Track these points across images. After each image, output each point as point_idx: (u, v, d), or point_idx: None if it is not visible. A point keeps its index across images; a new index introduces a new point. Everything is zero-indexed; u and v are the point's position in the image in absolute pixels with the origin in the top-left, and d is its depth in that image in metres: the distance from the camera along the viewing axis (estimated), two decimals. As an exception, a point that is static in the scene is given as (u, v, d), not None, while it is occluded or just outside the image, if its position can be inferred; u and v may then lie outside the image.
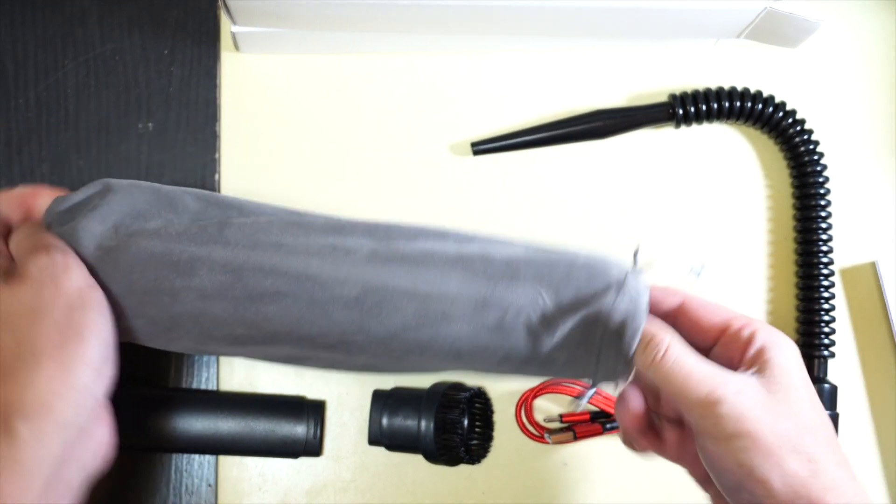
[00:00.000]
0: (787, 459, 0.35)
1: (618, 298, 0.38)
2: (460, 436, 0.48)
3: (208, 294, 0.39)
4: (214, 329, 0.40)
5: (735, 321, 0.39)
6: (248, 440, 0.49)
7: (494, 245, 0.41)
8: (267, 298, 0.39)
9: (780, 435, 0.35)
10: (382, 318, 0.39)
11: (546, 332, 0.39)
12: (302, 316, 0.39)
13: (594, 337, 0.39)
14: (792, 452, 0.35)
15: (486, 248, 0.40)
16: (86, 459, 0.38)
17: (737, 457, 0.35)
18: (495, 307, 0.39)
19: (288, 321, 0.39)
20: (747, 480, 0.35)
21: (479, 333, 0.39)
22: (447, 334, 0.39)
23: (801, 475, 0.35)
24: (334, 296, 0.38)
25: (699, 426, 0.37)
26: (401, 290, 0.39)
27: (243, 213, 0.42)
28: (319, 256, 0.39)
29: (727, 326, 0.40)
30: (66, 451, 0.36)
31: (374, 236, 0.40)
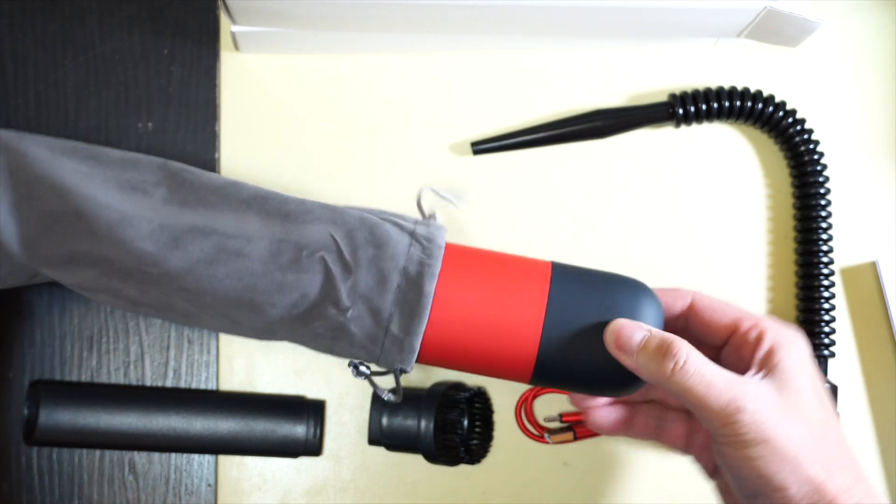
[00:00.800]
0: (804, 465, 0.36)
1: (412, 246, 0.39)
2: (460, 436, 0.48)
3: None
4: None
5: (744, 321, 0.40)
6: (247, 440, 0.49)
7: (291, 197, 0.42)
8: (66, 219, 0.40)
9: (796, 441, 0.36)
10: (177, 252, 0.40)
11: (342, 276, 0.39)
12: (101, 239, 0.40)
13: (390, 284, 0.39)
14: (808, 458, 0.36)
15: (282, 195, 0.42)
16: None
17: (755, 464, 0.36)
18: (290, 245, 0.40)
19: (87, 242, 0.40)
20: (766, 487, 0.36)
21: (275, 272, 0.39)
22: (242, 269, 0.39)
23: (816, 480, 0.36)
24: (132, 226, 0.40)
25: (719, 434, 0.37)
26: (197, 229, 0.40)
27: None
28: (119, 190, 0.41)
29: (736, 327, 0.40)
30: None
31: (168, 176, 0.42)
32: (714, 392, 0.36)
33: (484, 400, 0.51)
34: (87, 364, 0.51)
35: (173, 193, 0.41)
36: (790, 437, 0.36)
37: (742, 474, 0.37)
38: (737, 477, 0.37)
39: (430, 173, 0.53)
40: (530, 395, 0.51)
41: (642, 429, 0.44)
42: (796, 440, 0.36)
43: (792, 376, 0.37)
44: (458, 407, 0.49)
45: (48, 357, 0.51)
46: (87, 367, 0.51)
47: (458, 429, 0.48)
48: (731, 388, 0.36)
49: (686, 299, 0.42)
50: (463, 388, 0.50)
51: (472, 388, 0.50)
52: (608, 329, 0.39)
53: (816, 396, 0.38)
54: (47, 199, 0.41)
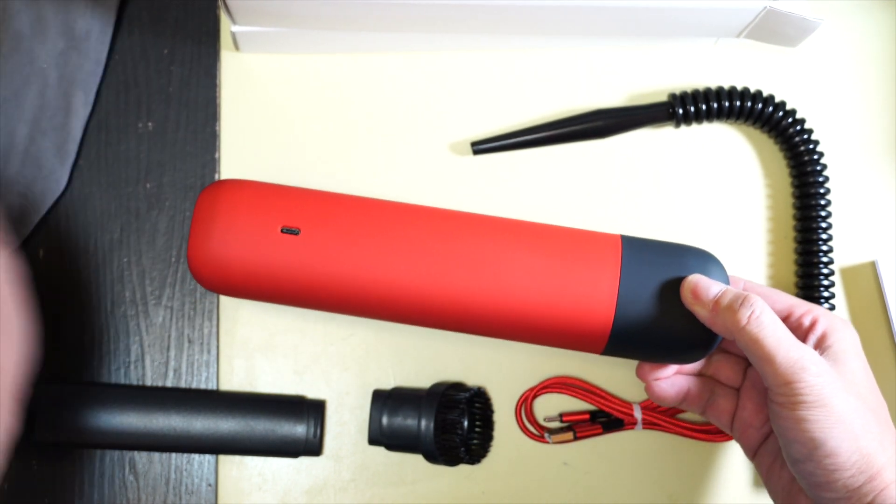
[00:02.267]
0: (857, 434, 0.37)
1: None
2: (460, 436, 0.48)
3: None
4: None
5: (797, 308, 0.42)
6: (248, 440, 0.49)
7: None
8: None
9: (851, 411, 0.37)
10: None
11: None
12: None
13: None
14: (861, 428, 0.37)
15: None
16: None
17: (810, 427, 0.37)
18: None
19: None
20: (817, 452, 0.37)
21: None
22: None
23: (866, 450, 0.37)
24: None
25: (779, 392, 0.38)
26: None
27: None
28: None
29: (790, 313, 0.42)
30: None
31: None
32: (783, 347, 0.38)
33: (484, 400, 0.51)
34: (88, 364, 0.51)
35: None
36: (846, 406, 0.37)
37: (795, 437, 0.37)
38: (788, 440, 0.38)
39: (430, 173, 0.53)
40: (530, 394, 0.51)
41: (694, 401, 0.46)
42: (851, 411, 0.37)
43: (846, 358, 0.39)
44: (458, 407, 0.49)
45: (48, 357, 0.51)
46: (88, 367, 0.51)
47: (459, 429, 0.48)
48: (800, 349, 0.38)
49: (739, 285, 0.44)
50: (463, 388, 0.50)
51: (472, 388, 0.50)
52: (685, 283, 0.41)
53: (868, 379, 0.40)
54: None
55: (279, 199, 0.43)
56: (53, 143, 0.50)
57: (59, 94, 0.49)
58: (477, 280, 0.41)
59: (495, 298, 0.41)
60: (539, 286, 0.41)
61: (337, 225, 0.42)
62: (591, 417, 0.51)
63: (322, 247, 0.42)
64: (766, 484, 0.44)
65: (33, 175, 0.49)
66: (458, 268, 0.41)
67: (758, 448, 0.44)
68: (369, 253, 0.42)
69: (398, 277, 0.42)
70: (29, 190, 0.49)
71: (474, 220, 0.43)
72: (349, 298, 0.43)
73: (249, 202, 0.43)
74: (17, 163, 0.48)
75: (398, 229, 0.42)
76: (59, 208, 0.51)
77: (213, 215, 0.43)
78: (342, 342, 0.52)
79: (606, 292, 0.41)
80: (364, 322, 0.52)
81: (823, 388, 0.37)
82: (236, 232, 0.43)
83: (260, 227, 0.43)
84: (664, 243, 0.44)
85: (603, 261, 0.41)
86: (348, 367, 0.52)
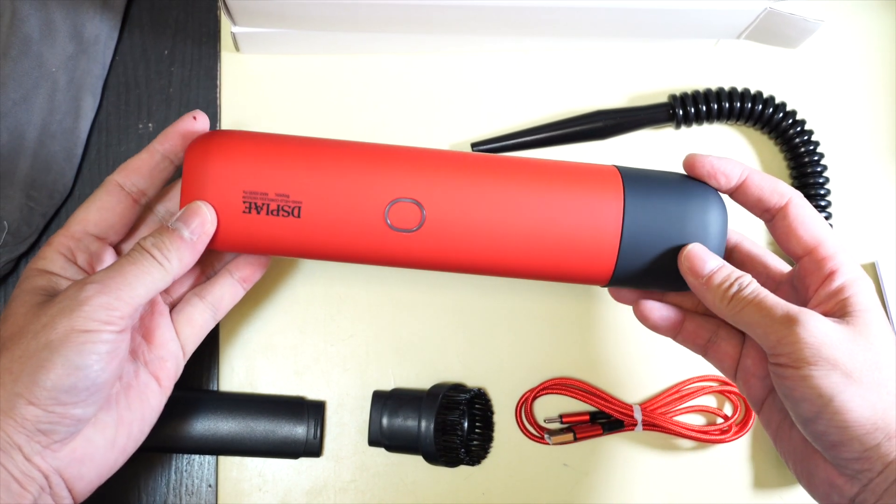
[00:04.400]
0: (867, 388, 0.35)
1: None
2: (460, 437, 0.48)
3: None
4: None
5: (823, 247, 0.39)
6: (248, 440, 0.49)
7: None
8: None
9: (859, 365, 0.35)
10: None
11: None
12: None
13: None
14: (872, 383, 0.35)
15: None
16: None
17: (814, 384, 0.35)
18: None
19: None
20: (826, 409, 0.35)
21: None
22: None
23: (878, 406, 0.35)
24: None
25: (776, 351, 0.36)
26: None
27: None
28: None
29: (815, 248, 0.39)
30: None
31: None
32: (770, 307, 0.37)
33: (484, 401, 0.51)
34: (88, 365, 0.51)
35: None
36: (853, 360, 0.35)
37: (800, 395, 0.36)
38: (795, 400, 0.36)
39: (431, 174, 0.53)
40: (530, 395, 0.51)
41: (691, 337, 0.44)
42: (860, 364, 0.35)
43: (862, 311, 0.37)
44: (458, 408, 0.49)
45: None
46: (88, 367, 0.51)
47: (459, 430, 0.48)
48: (789, 307, 0.37)
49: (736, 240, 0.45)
50: (463, 389, 0.50)
51: (473, 390, 0.51)
52: (683, 253, 0.40)
53: (883, 334, 0.37)
54: None
55: (273, 158, 0.41)
56: (62, 147, 0.50)
57: (68, 97, 0.50)
58: (487, 212, 0.40)
59: (505, 229, 0.41)
60: (548, 218, 0.41)
61: (338, 189, 0.40)
62: (591, 418, 0.51)
63: (323, 209, 0.40)
64: (776, 445, 0.41)
65: (42, 178, 0.49)
66: (467, 201, 0.40)
67: (763, 401, 0.41)
68: (372, 197, 0.40)
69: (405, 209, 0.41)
70: (37, 192, 0.49)
71: (482, 159, 0.43)
72: (354, 247, 0.41)
73: (244, 155, 0.40)
74: (26, 165, 0.48)
75: (400, 170, 0.41)
76: (59, 210, 0.51)
77: (206, 165, 0.40)
78: (342, 343, 0.52)
79: (611, 228, 0.41)
80: (364, 322, 0.52)
81: (821, 341, 0.35)
82: (232, 183, 0.40)
83: (256, 180, 0.40)
84: (663, 176, 0.43)
85: (606, 193, 0.41)
86: (348, 367, 0.52)
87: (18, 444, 0.35)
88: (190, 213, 0.39)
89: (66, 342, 0.35)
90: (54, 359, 0.35)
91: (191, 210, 0.39)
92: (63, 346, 0.35)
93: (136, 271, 0.37)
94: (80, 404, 0.36)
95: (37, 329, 0.36)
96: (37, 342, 0.35)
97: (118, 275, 0.37)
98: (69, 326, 0.35)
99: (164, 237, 0.38)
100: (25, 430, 0.35)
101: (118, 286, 0.36)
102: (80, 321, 0.35)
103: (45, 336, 0.35)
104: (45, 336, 0.35)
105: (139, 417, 0.40)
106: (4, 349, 0.36)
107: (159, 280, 0.38)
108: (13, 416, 0.35)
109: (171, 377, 0.43)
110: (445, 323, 0.52)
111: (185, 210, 0.39)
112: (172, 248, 0.38)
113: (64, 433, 0.36)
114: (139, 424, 0.41)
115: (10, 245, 0.48)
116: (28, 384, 0.35)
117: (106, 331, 0.36)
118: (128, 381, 0.41)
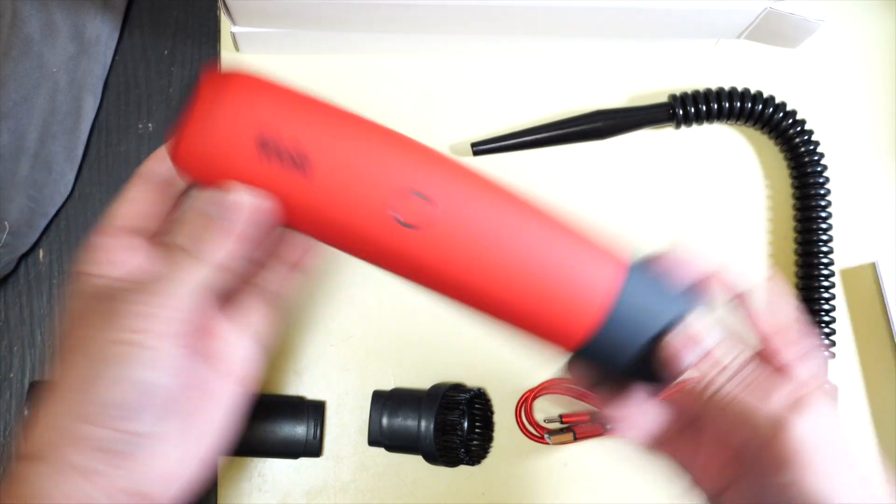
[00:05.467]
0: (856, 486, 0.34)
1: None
2: (460, 437, 0.48)
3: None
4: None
5: (775, 339, 0.36)
6: (248, 440, 0.49)
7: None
8: None
9: (837, 465, 0.34)
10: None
11: None
12: None
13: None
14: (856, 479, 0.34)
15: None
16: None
17: (805, 490, 0.33)
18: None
19: None
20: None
21: None
22: None
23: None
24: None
25: (761, 455, 0.34)
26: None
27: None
28: None
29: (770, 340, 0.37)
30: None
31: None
32: (759, 409, 0.34)
33: (484, 401, 0.51)
34: (88, 364, 0.51)
35: None
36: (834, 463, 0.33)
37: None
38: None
39: (431, 174, 0.53)
40: (530, 395, 0.51)
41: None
42: (837, 465, 0.33)
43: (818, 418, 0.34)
44: (458, 408, 0.49)
45: (48, 357, 0.51)
46: (88, 367, 0.51)
47: (458, 430, 0.48)
48: (780, 409, 0.34)
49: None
50: (463, 389, 0.50)
51: (473, 389, 0.50)
52: (664, 343, 0.36)
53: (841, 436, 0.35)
54: None
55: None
56: (64, 147, 0.50)
57: (69, 98, 0.49)
58: (497, 235, 0.37)
59: (510, 256, 0.37)
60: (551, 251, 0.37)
61: (352, 155, 0.36)
62: (591, 418, 0.51)
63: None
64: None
65: (43, 178, 0.49)
66: (482, 216, 0.37)
67: (724, 491, 0.38)
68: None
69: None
70: (38, 193, 0.49)
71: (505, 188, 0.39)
72: (351, 229, 0.38)
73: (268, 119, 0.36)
74: (27, 166, 0.48)
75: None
76: (59, 210, 0.51)
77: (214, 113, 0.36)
78: (342, 343, 0.52)
79: (612, 281, 0.37)
80: (364, 322, 0.52)
81: (803, 450, 0.33)
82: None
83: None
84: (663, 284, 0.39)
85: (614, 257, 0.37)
86: (348, 367, 0.52)
87: (79, 465, 0.32)
88: (220, 193, 0.34)
89: (116, 356, 0.33)
90: (106, 374, 0.32)
91: (222, 189, 0.34)
92: (113, 360, 0.33)
93: (172, 274, 0.34)
94: (138, 419, 0.33)
95: (85, 344, 0.33)
96: (86, 359, 0.33)
97: (154, 281, 0.34)
98: (110, 338, 0.33)
99: (194, 225, 0.34)
100: (84, 452, 0.32)
101: (156, 292, 0.33)
102: (125, 334, 0.33)
103: (94, 352, 0.33)
104: (95, 351, 0.33)
105: (211, 422, 0.37)
106: (60, 366, 0.34)
107: (202, 276, 0.34)
108: (71, 437, 0.32)
109: (243, 374, 0.38)
110: (445, 323, 0.52)
111: (215, 190, 0.34)
112: (206, 237, 0.34)
113: (128, 451, 0.33)
114: (213, 430, 0.37)
115: (10, 245, 0.48)
116: (83, 402, 0.33)
117: (153, 340, 0.33)
118: (196, 385, 0.36)
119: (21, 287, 0.51)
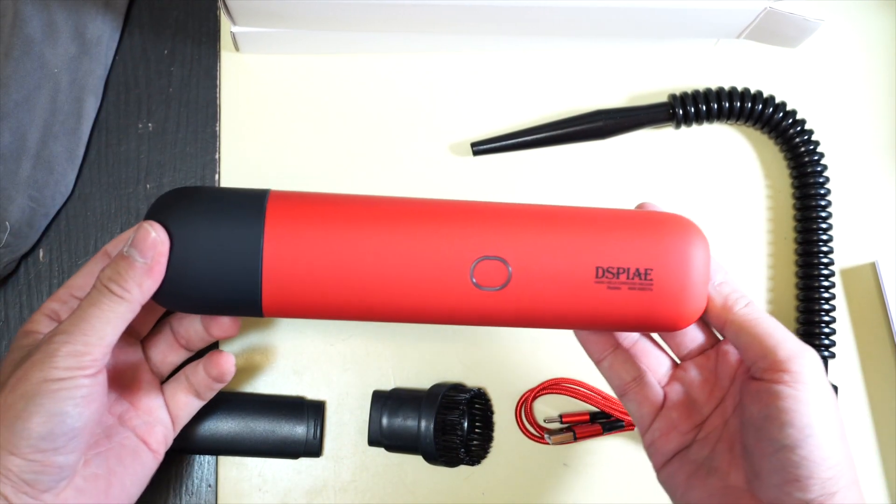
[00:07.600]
0: (840, 439, 0.36)
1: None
2: (460, 437, 0.48)
3: None
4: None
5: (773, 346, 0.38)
6: (248, 440, 0.49)
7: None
8: None
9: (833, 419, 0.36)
10: None
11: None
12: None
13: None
14: (841, 438, 0.36)
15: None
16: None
17: (810, 410, 0.35)
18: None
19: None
20: (811, 440, 0.35)
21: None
22: None
23: (842, 455, 0.36)
24: None
25: (785, 367, 0.36)
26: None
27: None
28: None
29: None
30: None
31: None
32: (785, 330, 0.38)
33: (484, 401, 0.51)
34: (88, 364, 0.51)
35: None
36: (831, 415, 0.36)
37: (791, 419, 0.35)
38: (782, 423, 0.35)
39: (430, 173, 0.53)
40: (530, 395, 0.51)
41: (617, 369, 0.43)
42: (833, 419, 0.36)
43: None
44: (458, 408, 0.49)
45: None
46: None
47: (458, 430, 0.48)
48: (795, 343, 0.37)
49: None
50: (463, 389, 0.50)
51: (473, 389, 0.51)
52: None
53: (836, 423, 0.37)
54: None
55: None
56: (65, 148, 0.50)
57: (70, 98, 0.50)
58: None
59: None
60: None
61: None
62: (591, 418, 0.51)
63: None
64: (681, 498, 0.41)
65: (44, 179, 0.49)
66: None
67: (675, 454, 0.41)
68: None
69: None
70: (39, 193, 0.49)
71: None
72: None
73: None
74: (29, 166, 0.48)
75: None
76: (61, 210, 0.51)
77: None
78: (342, 342, 0.52)
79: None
80: (364, 323, 0.52)
81: (819, 381, 0.36)
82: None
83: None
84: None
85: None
86: (348, 367, 0.52)
87: (5, 494, 0.35)
88: (140, 237, 0.37)
89: (41, 392, 0.35)
90: (30, 408, 0.35)
91: (140, 233, 0.37)
92: (38, 395, 0.35)
93: (99, 312, 0.37)
94: (60, 451, 0.36)
95: (13, 383, 0.36)
96: (13, 395, 0.36)
97: (81, 320, 0.37)
98: (42, 377, 0.36)
99: (118, 267, 0.37)
100: (10, 482, 0.35)
101: (83, 332, 0.36)
102: (52, 371, 0.36)
103: (21, 388, 0.36)
104: (21, 388, 0.36)
105: (132, 473, 0.42)
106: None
107: (124, 313, 0.37)
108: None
109: (160, 442, 0.44)
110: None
111: (135, 234, 0.37)
112: (129, 277, 0.37)
113: (49, 482, 0.37)
114: (133, 480, 0.42)
115: (11, 246, 0.48)
116: (7, 435, 0.35)
117: (79, 376, 0.36)
118: (119, 441, 0.42)
119: (21, 287, 0.51)
